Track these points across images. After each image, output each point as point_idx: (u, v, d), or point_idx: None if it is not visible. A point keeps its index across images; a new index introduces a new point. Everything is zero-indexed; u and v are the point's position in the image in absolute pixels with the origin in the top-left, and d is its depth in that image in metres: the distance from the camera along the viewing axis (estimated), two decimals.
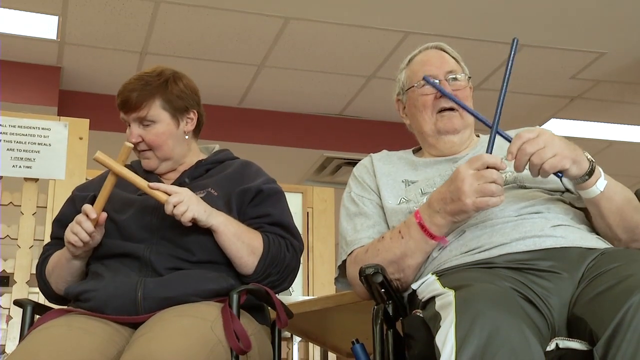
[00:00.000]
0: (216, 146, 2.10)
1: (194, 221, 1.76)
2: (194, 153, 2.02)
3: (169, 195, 1.76)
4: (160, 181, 1.94)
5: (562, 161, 1.51)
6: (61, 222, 1.95)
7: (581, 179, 1.56)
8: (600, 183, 1.58)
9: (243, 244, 1.80)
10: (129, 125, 1.94)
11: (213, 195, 1.87)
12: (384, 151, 1.95)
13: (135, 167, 2.02)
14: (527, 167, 1.54)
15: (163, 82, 1.93)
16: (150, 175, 1.97)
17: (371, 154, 1.94)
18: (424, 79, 1.81)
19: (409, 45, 4.81)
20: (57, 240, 1.94)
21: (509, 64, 1.66)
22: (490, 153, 1.58)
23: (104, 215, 1.79)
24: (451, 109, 1.84)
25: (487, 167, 1.54)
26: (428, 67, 1.86)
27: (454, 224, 1.61)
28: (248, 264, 1.80)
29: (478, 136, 1.93)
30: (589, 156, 1.58)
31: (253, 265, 1.80)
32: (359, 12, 4.54)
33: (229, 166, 2.00)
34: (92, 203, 1.82)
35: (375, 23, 4.68)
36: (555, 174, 1.54)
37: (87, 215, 1.76)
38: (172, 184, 1.90)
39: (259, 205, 1.90)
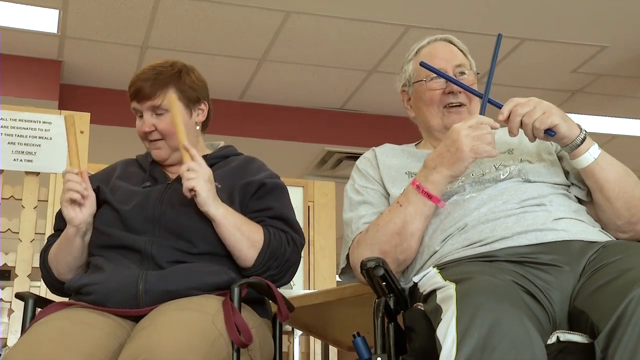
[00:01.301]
0: (221, 143, 2.12)
1: (194, 196, 1.77)
2: (201, 148, 2.03)
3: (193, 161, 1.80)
4: (164, 174, 1.97)
5: (551, 117, 1.60)
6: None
7: (573, 143, 1.62)
8: (594, 150, 1.63)
9: (243, 236, 1.80)
10: (140, 116, 1.95)
11: (217, 188, 1.87)
12: (387, 144, 1.95)
13: (140, 161, 2.03)
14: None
15: (176, 72, 1.96)
16: (155, 166, 1.99)
17: (374, 148, 1.94)
18: (421, 64, 1.81)
19: (410, 39, 4.81)
20: (60, 232, 1.95)
21: (494, 57, 1.80)
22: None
23: (84, 170, 1.87)
24: (459, 105, 1.83)
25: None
26: (436, 60, 1.85)
27: (451, 178, 1.64)
28: (247, 257, 1.81)
29: None
30: (582, 127, 1.64)
31: (252, 259, 1.81)
32: (360, 6, 4.54)
33: (233, 161, 2.01)
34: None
35: (376, 17, 4.67)
36: (547, 132, 1.60)
37: (70, 172, 1.84)
38: (176, 177, 1.90)
39: (262, 198, 1.91)
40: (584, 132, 1.63)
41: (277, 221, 1.89)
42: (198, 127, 2.01)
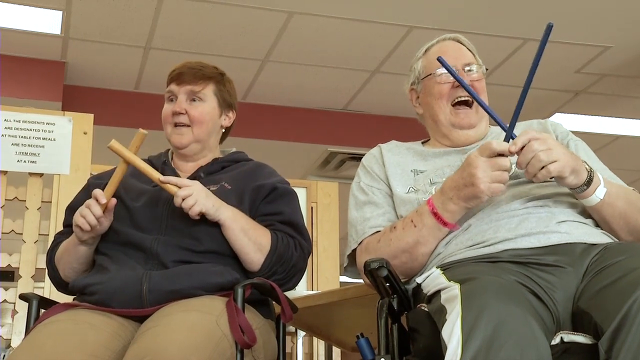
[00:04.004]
0: (233, 149, 2.14)
1: (203, 215, 1.78)
2: (215, 153, 2.06)
3: (180, 188, 1.78)
4: (176, 174, 1.97)
5: (564, 168, 1.54)
6: (74, 210, 1.96)
7: (580, 188, 1.58)
8: (600, 191, 1.60)
9: (250, 240, 1.81)
10: (172, 100, 1.99)
11: (226, 189, 1.89)
12: (393, 141, 1.95)
13: (153, 160, 2.04)
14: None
15: (220, 73, 2.06)
16: (166, 167, 2.00)
17: (380, 145, 1.94)
18: (438, 59, 1.79)
19: (412, 39, 4.81)
20: (70, 228, 1.95)
21: (540, 51, 1.65)
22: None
23: (114, 201, 1.81)
24: (467, 104, 1.83)
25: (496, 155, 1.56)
26: (446, 57, 1.85)
27: (466, 209, 1.63)
28: (254, 261, 1.81)
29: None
30: (588, 166, 1.60)
31: (259, 263, 1.81)
32: (362, 6, 4.54)
33: (244, 165, 2.04)
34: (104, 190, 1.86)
35: (379, 17, 4.67)
36: (551, 178, 1.56)
37: (97, 200, 1.78)
38: (187, 178, 1.91)
39: (272, 202, 1.92)
40: (590, 173, 1.59)
41: (287, 226, 1.90)
42: (223, 131, 2.07)
